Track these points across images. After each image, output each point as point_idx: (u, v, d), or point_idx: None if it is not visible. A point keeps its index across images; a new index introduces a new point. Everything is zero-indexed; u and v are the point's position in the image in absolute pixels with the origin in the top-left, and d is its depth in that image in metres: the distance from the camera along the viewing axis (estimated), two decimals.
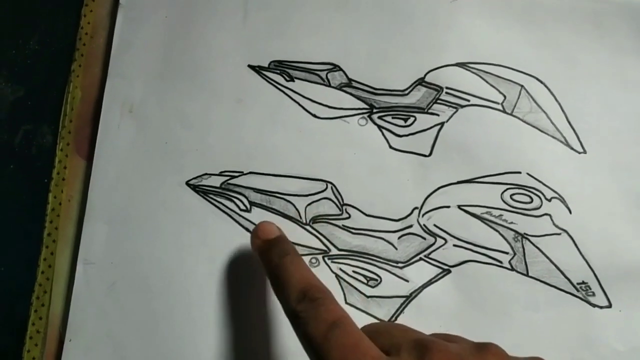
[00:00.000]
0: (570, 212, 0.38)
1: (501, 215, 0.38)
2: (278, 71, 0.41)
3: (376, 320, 0.38)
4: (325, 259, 0.39)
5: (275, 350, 0.37)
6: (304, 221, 0.39)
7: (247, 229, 0.39)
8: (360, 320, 0.37)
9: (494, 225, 0.38)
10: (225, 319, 0.38)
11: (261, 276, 0.38)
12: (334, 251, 0.39)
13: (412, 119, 0.40)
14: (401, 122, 0.40)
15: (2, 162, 0.42)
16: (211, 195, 0.40)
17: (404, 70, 0.41)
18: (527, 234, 0.38)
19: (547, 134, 0.39)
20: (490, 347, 0.28)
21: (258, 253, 0.36)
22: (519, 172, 0.39)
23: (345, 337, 0.28)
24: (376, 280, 0.38)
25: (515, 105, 0.40)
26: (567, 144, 0.39)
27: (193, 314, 0.38)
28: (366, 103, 0.40)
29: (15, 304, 0.40)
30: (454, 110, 0.40)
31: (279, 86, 0.41)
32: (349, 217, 0.39)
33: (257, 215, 0.39)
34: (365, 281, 0.38)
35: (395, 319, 0.38)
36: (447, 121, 0.40)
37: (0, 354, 0.39)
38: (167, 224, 0.40)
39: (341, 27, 0.41)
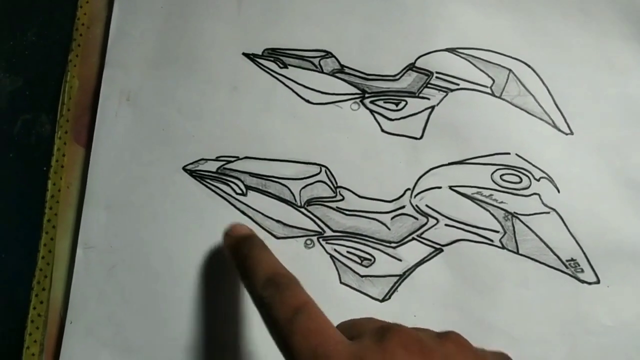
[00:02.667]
0: (559, 192, 0.39)
1: (491, 195, 0.39)
2: (272, 59, 0.42)
3: (371, 299, 0.38)
4: (320, 240, 0.39)
5: None
6: (299, 204, 0.40)
7: (243, 212, 0.40)
8: (356, 300, 0.38)
9: (484, 205, 0.39)
10: (223, 300, 0.39)
11: None
12: (328, 232, 0.40)
13: (403, 103, 0.41)
14: (393, 107, 0.41)
15: (1, 151, 0.43)
16: (208, 180, 0.41)
17: (395, 55, 0.41)
18: (517, 213, 0.39)
19: (535, 116, 0.40)
20: (451, 334, 0.29)
21: (229, 248, 0.36)
22: (508, 153, 0.40)
23: (309, 322, 0.28)
24: (370, 260, 0.39)
25: (503, 89, 0.41)
26: (555, 126, 0.40)
27: (192, 296, 0.39)
28: (358, 88, 0.41)
29: (17, 289, 0.40)
30: (444, 94, 0.41)
31: (273, 73, 0.42)
32: (343, 199, 0.40)
33: (253, 199, 0.40)
34: (359, 261, 0.39)
35: (389, 297, 0.38)
36: (437, 105, 0.41)
37: (2, 337, 0.40)
38: (165, 208, 0.40)
39: (333, 15, 0.42)
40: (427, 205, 0.39)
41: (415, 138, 0.40)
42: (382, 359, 0.26)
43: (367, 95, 0.41)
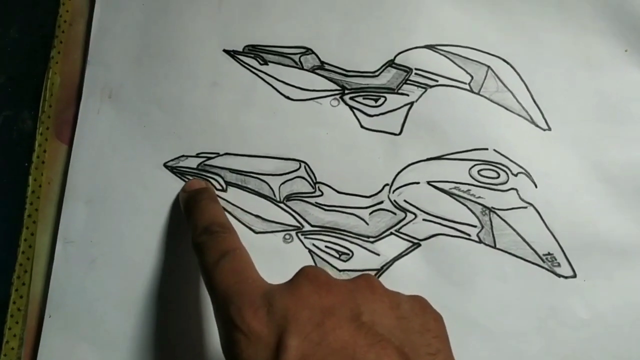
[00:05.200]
0: (536, 187, 0.39)
1: (469, 190, 0.39)
2: (252, 55, 0.42)
3: None
4: (299, 235, 0.40)
5: None
6: (278, 199, 0.40)
7: (222, 208, 0.40)
8: None
9: (462, 200, 0.39)
10: (203, 295, 0.39)
11: None
12: (307, 227, 0.40)
13: (382, 99, 0.41)
14: (372, 103, 0.41)
15: None
16: (188, 176, 0.41)
17: (374, 52, 0.42)
18: (494, 208, 0.39)
19: (513, 112, 0.41)
20: (364, 274, 0.30)
21: (183, 203, 0.38)
22: (486, 149, 0.40)
23: (232, 264, 0.31)
24: (348, 254, 0.39)
25: (482, 85, 0.41)
26: (532, 122, 0.40)
27: (171, 290, 0.39)
28: (338, 85, 0.41)
29: None
30: (423, 90, 0.41)
31: (253, 69, 0.42)
32: (322, 194, 0.40)
33: (233, 195, 0.41)
34: (338, 256, 0.39)
35: None
36: (416, 101, 0.41)
37: None
38: (145, 204, 0.41)
39: (313, 11, 0.42)
40: (405, 201, 0.40)
41: (394, 134, 0.41)
42: (289, 294, 0.28)
43: (346, 91, 0.41)
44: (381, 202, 0.40)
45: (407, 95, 0.41)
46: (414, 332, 0.28)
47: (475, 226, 0.39)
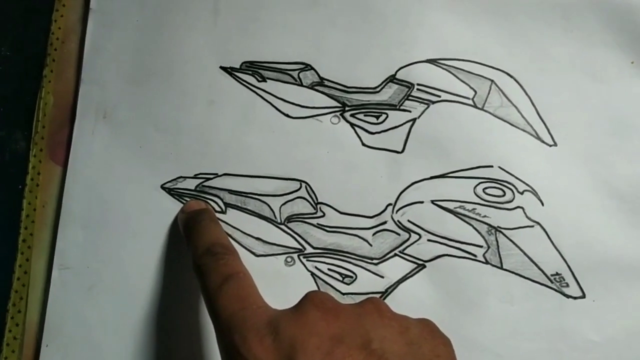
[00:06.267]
0: (543, 205, 0.39)
1: (474, 209, 0.39)
2: (250, 72, 0.41)
3: None
4: (301, 257, 0.39)
5: None
6: (279, 220, 0.39)
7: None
8: None
9: (467, 219, 0.38)
10: (204, 320, 0.38)
11: None
12: (309, 249, 0.39)
13: (384, 116, 0.40)
14: (373, 120, 0.40)
15: None
16: (186, 198, 0.40)
17: (375, 67, 0.41)
18: (500, 227, 0.38)
19: (518, 128, 0.40)
20: (371, 298, 0.29)
21: (182, 223, 0.37)
22: (491, 166, 0.39)
23: (236, 289, 0.30)
24: (352, 277, 0.38)
25: (486, 100, 0.40)
26: (538, 137, 0.39)
27: (171, 316, 0.38)
28: (338, 101, 0.40)
29: None
30: (426, 106, 0.40)
31: (251, 87, 0.41)
32: (324, 215, 0.39)
33: (232, 217, 0.40)
34: (341, 278, 0.38)
35: None
36: (418, 117, 0.40)
37: None
38: (143, 227, 0.40)
39: (312, 27, 0.41)
40: (409, 221, 0.39)
41: (397, 152, 0.40)
42: (296, 321, 0.27)
43: (347, 108, 0.40)
44: (384, 223, 0.39)
45: (410, 111, 0.40)
46: (424, 358, 0.27)
47: (481, 246, 0.38)
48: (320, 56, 0.41)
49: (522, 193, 0.39)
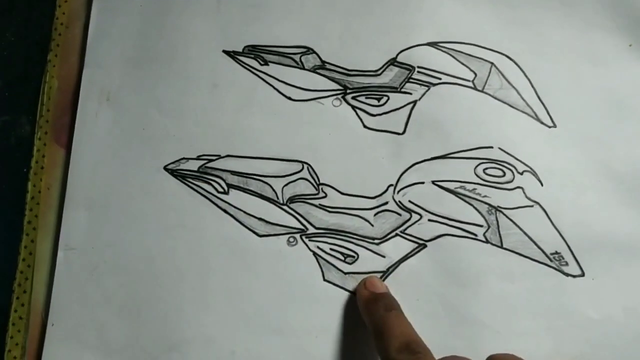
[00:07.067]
0: (542, 185, 0.39)
1: (475, 189, 0.39)
2: (252, 55, 0.42)
3: (354, 296, 0.38)
4: (303, 237, 0.39)
5: (265, 323, 0.38)
6: (281, 201, 0.40)
7: (225, 211, 0.40)
8: (339, 297, 0.38)
9: (467, 199, 0.39)
10: (204, 299, 0.39)
11: (240, 257, 0.39)
12: (311, 230, 0.39)
13: (385, 98, 0.41)
14: (374, 102, 0.41)
15: None
16: (189, 179, 0.40)
17: (376, 51, 0.41)
18: (500, 207, 0.39)
19: (518, 110, 0.40)
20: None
21: (364, 303, 0.37)
22: (491, 147, 0.39)
23: None
24: (353, 257, 0.39)
25: (485, 83, 0.40)
26: (537, 119, 0.40)
27: (174, 295, 0.39)
28: (340, 84, 0.41)
29: None
30: (426, 88, 0.40)
31: (253, 70, 0.42)
32: (325, 196, 0.40)
33: (235, 197, 0.40)
34: (343, 258, 0.39)
35: None
36: (419, 99, 0.40)
37: None
38: (146, 208, 0.40)
39: (313, 11, 0.42)
40: (410, 201, 0.39)
41: (398, 133, 0.40)
42: None
43: (348, 91, 0.41)
44: (386, 203, 0.39)
45: (410, 93, 0.40)
46: None
47: (481, 226, 0.39)
48: (322, 40, 0.42)
49: (521, 173, 0.39)
